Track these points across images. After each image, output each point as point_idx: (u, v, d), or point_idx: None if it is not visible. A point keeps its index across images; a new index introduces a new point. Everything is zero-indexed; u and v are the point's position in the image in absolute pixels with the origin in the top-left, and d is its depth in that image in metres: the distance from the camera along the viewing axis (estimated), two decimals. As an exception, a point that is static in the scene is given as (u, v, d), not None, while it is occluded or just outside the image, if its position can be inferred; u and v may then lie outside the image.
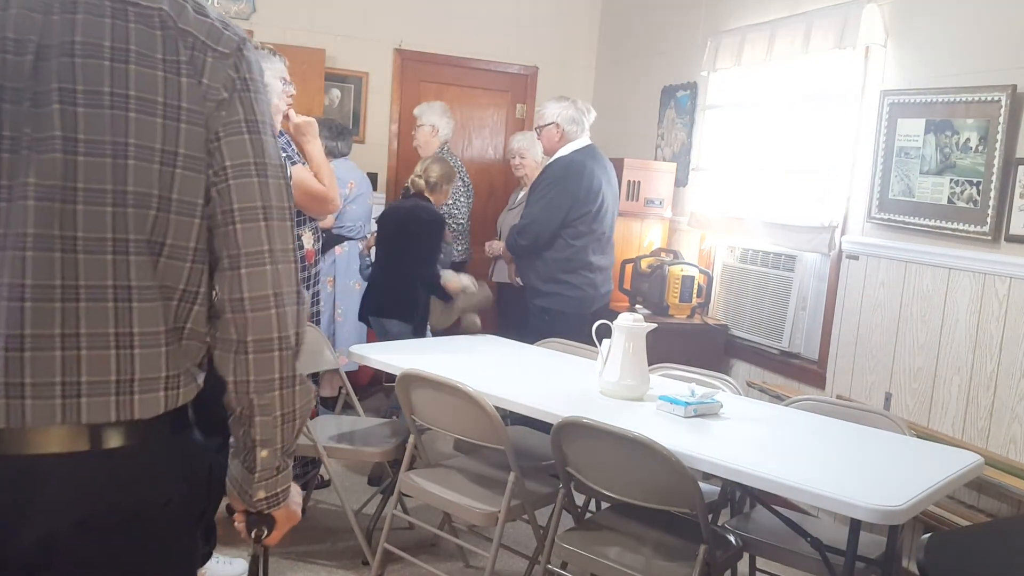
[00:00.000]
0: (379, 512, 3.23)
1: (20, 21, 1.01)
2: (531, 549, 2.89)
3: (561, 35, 5.68)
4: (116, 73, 1.03)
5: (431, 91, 5.39)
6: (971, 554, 1.74)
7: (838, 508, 1.92)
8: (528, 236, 3.84)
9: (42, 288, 1.01)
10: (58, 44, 1.02)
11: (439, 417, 2.71)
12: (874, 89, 3.51)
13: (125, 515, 1.07)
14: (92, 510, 1.05)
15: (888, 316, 3.39)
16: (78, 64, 1.02)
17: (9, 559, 1.03)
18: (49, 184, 1.01)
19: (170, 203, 1.06)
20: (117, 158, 1.03)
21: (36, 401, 1.02)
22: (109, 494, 1.06)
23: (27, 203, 1.00)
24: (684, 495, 2.14)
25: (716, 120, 4.52)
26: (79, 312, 1.03)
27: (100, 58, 1.03)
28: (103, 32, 1.03)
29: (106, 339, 1.04)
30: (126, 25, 1.04)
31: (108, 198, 1.03)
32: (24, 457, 1.02)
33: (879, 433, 2.51)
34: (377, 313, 3.88)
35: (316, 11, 5.03)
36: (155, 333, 1.07)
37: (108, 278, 1.04)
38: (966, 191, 3.04)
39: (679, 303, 4.22)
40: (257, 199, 1.11)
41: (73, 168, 1.02)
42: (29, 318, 1.01)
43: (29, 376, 1.01)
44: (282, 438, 1.16)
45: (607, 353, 2.66)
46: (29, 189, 1.00)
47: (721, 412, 2.51)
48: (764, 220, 4.04)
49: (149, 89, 1.04)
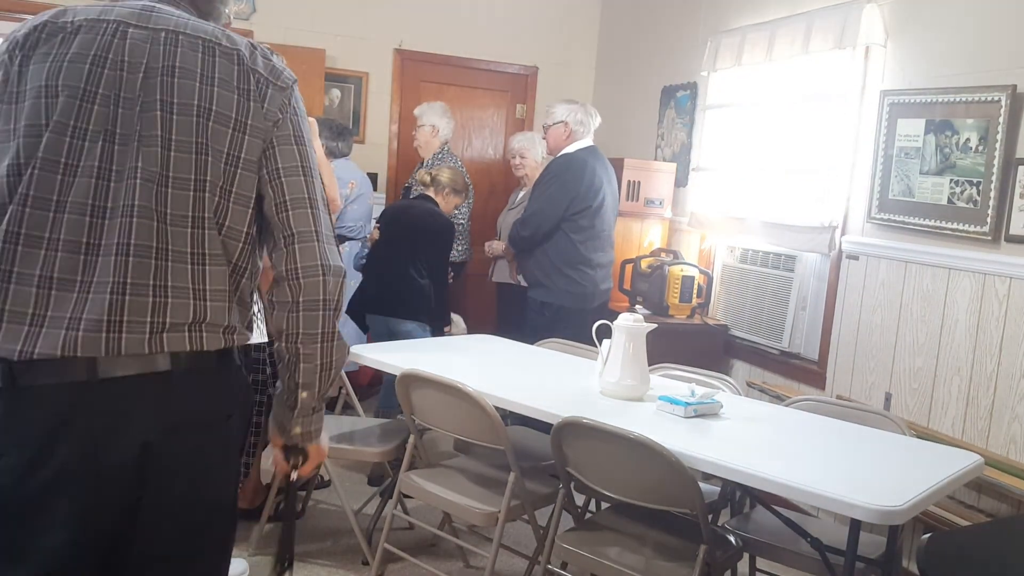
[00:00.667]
0: (379, 512, 3.23)
1: (133, 49, 1.36)
2: (531, 549, 2.89)
3: (561, 35, 5.68)
4: (203, 92, 1.37)
5: (431, 91, 5.39)
6: (971, 554, 1.74)
7: (838, 508, 1.92)
8: (530, 227, 3.94)
9: (142, 248, 1.32)
10: (162, 67, 1.36)
11: (439, 417, 2.71)
12: (874, 89, 3.51)
13: (201, 424, 1.39)
14: (177, 420, 1.35)
15: (888, 316, 3.40)
16: (176, 83, 1.36)
17: (113, 464, 1.30)
18: (151, 170, 1.33)
19: (230, 194, 1.39)
20: (198, 155, 1.36)
21: (130, 336, 1.30)
22: (189, 406, 1.36)
23: (136, 182, 1.32)
24: (684, 495, 2.14)
25: (716, 120, 4.51)
26: (168, 269, 1.33)
27: (192, 80, 1.37)
28: (196, 62, 1.38)
29: (186, 292, 1.35)
30: (213, 59, 1.39)
31: (190, 185, 1.35)
32: (120, 379, 1.30)
33: (879, 433, 2.51)
34: (390, 313, 3.83)
35: (316, 11, 5.03)
36: (221, 291, 1.38)
37: (188, 246, 1.35)
38: (966, 191, 3.04)
39: (679, 303, 4.22)
40: (304, 192, 1.43)
41: (167, 160, 1.34)
42: (132, 270, 1.31)
43: (127, 316, 1.30)
44: (320, 383, 1.47)
45: (607, 353, 2.66)
46: (137, 172, 1.33)
47: (721, 412, 2.51)
48: (764, 220, 4.04)
49: (226, 107, 1.38)
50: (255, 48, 1.45)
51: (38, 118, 1.31)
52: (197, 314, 1.35)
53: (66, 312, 1.29)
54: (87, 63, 1.34)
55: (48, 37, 1.35)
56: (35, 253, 1.29)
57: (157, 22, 1.39)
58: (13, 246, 1.29)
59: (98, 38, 1.35)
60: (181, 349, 1.34)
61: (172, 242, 1.34)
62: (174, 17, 1.41)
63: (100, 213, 1.32)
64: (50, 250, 1.30)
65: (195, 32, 1.40)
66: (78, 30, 1.36)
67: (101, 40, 1.35)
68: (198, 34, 1.40)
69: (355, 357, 3.05)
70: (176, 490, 1.36)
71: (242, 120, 1.40)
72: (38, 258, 1.29)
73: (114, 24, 1.37)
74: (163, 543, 1.37)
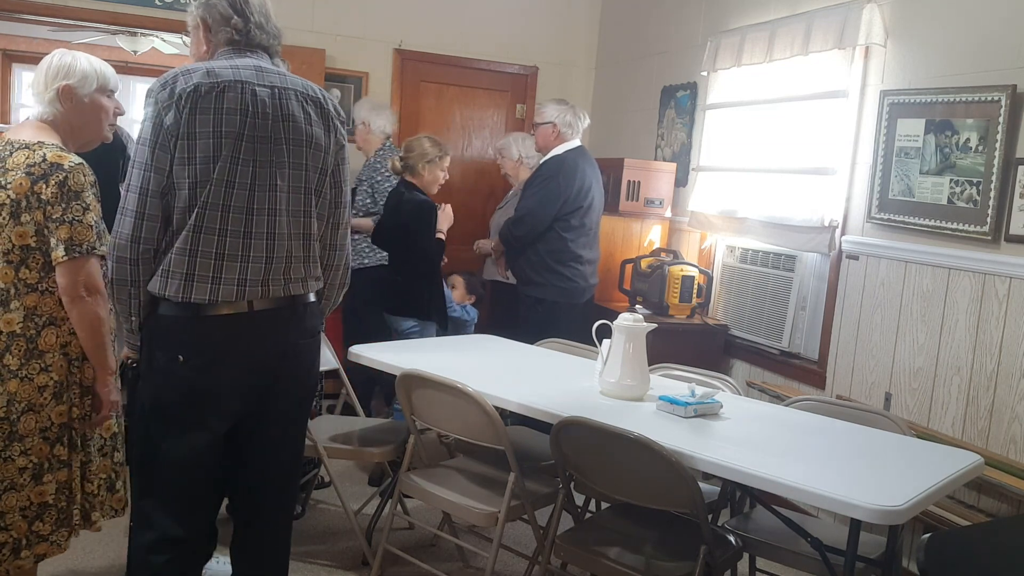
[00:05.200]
0: (379, 512, 3.23)
1: (263, 103, 2.02)
2: (531, 549, 2.89)
3: (561, 35, 5.68)
4: (306, 130, 2.09)
5: (431, 91, 5.39)
6: (971, 554, 1.74)
7: (838, 508, 1.92)
8: (523, 228, 4.08)
9: (282, 235, 2.06)
10: (281, 115, 2.04)
11: (439, 417, 2.71)
12: (874, 89, 3.51)
13: (312, 335, 2.21)
14: (301, 332, 2.17)
15: (888, 316, 3.40)
16: (289, 125, 2.06)
17: (268, 364, 2.10)
18: (283, 184, 2.06)
19: (320, 194, 2.16)
20: (307, 171, 2.11)
21: (274, 287, 2.07)
22: (305, 324, 2.17)
23: (278, 194, 2.05)
24: (684, 495, 2.14)
25: (716, 120, 4.51)
26: (292, 247, 2.09)
27: (299, 123, 2.08)
28: (299, 109, 2.08)
29: (302, 259, 2.12)
30: (308, 106, 2.10)
31: (302, 190, 2.10)
32: (268, 311, 2.08)
33: (879, 433, 2.50)
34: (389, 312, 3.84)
35: (316, 11, 5.04)
36: (315, 257, 2.17)
37: (301, 228, 2.11)
38: (966, 191, 3.04)
39: (679, 303, 4.22)
40: (345, 198, 2.24)
41: (288, 176, 2.06)
42: (275, 247, 2.06)
43: (271, 275, 2.06)
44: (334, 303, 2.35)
45: (607, 353, 2.66)
46: (279, 185, 2.05)
47: (721, 412, 2.51)
48: (764, 220, 4.04)
49: (319, 138, 2.12)
50: (326, 95, 2.17)
51: (208, 151, 1.95)
52: (308, 272, 2.14)
53: (234, 275, 2.00)
54: (237, 115, 1.97)
55: (206, 94, 1.95)
56: (211, 239, 1.98)
57: (271, 80, 2.04)
58: (198, 235, 1.97)
59: (240, 96, 1.98)
60: (300, 293, 2.13)
61: (295, 228, 2.09)
62: (276, 75, 2.07)
63: (251, 212, 2.01)
64: (221, 236, 1.98)
65: (293, 86, 2.08)
66: (224, 90, 1.97)
67: (243, 97, 1.98)
68: (295, 87, 2.09)
69: (355, 357, 3.04)
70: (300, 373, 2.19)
71: (327, 146, 2.14)
72: (213, 242, 1.98)
73: (248, 85, 2.00)
74: (288, 405, 2.19)
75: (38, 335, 2.21)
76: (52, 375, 2.23)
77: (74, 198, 2.19)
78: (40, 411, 2.22)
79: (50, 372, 2.22)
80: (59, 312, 2.23)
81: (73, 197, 2.18)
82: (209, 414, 2.04)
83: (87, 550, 2.99)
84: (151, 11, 4.74)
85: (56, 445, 2.26)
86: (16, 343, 2.19)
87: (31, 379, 2.20)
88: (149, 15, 4.76)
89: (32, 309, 2.20)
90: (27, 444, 2.21)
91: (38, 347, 2.21)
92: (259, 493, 2.21)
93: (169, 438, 2.03)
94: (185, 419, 2.03)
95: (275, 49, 2.15)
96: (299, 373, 2.18)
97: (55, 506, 2.28)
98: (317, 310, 2.23)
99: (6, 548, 2.22)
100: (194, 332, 2.00)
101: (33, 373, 2.21)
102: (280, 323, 2.09)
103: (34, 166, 2.17)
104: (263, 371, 2.08)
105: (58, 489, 2.28)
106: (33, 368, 2.20)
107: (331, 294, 2.29)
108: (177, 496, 2.07)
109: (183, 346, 2.00)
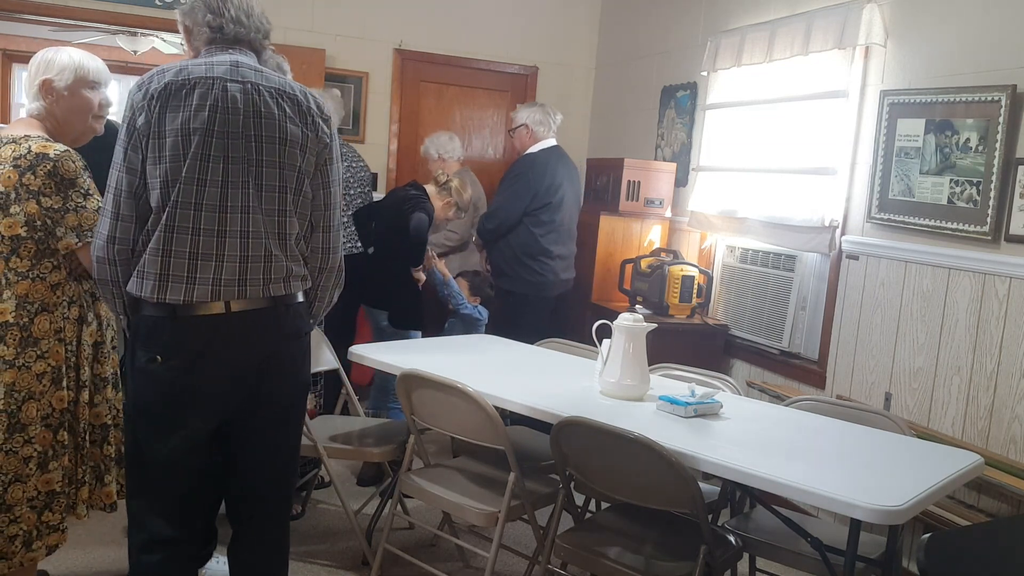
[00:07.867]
0: (379, 512, 3.23)
1: (234, 99, 1.97)
2: (531, 549, 2.89)
3: (561, 35, 5.68)
4: (280, 126, 2.02)
5: (431, 91, 5.39)
6: (971, 554, 1.74)
7: (838, 508, 1.92)
8: (494, 221, 4.34)
9: (255, 232, 2.00)
10: (253, 112, 1.99)
11: (439, 417, 2.71)
12: (874, 89, 3.51)
13: (297, 336, 2.14)
14: (284, 334, 2.10)
15: (888, 316, 3.40)
16: (261, 122, 2.00)
17: (250, 366, 2.05)
18: (257, 182, 1.99)
19: (301, 194, 2.07)
20: (282, 169, 2.03)
21: (251, 288, 2.01)
22: (288, 325, 2.10)
23: (249, 191, 1.98)
24: (684, 495, 2.14)
25: (716, 120, 4.51)
26: (269, 245, 2.02)
27: (272, 119, 2.01)
28: (272, 107, 2.01)
29: (281, 258, 2.04)
30: (283, 103, 2.03)
31: (276, 188, 2.02)
32: (247, 312, 2.02)
33: (879, 433, 2.51)
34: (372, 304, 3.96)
35: (316, 11, 5.03)
36: (296, 256, 2.09)
37: (277, 227, 2.03)
38: (966, 191, 3.04)
39: (679, 303, 4.22)
40: (335, 199, 2.16)
41: (261, 174, 2.00)
42: (250, 247, 1.99)
43: (248, 275, 2.00)
44: (328, 303, 2.27)
45: (607, 353, 2.66)
46: (249, 182, 1.98)
47: (721, 412, 2.51)
48: (764, 220, 4.04)
49: (295, 136, 2.04)
50: (309, 92, 2.11)
51: (177, 149, 1.92)
52: (288, 271, 2.06)
53: (209, 275, 1.96)
54: (205, 111, 1.93)
55: (176, 91, 1.94)
56: (184, 238, 1.94)
57: (244, 76, 1.99)
58: (170, 234, 1.93)
59: (210, 91, 1.95)
60: (280, 294, 2.06)
61: (270, 227, 2.02)
62: (252, 71, 2.02)
63: (224, 210, 1.96)
64: (194, 235, 1.94)
65: (268, 83, 2.03)
66: (193, 87, 1.94)
67: (212, 93, 1.95)
68: (271, 84, 2.03)
69: (355, 357, 3.04)
70: (286, 375, 2.13)
71: (304, 144, 2.06)
72: (186, 242, 1.94)
73: (219, 81, 1.96)
74: (278, 406, 2.15)
75: (31, 322, 2.22)
76: (49, 361, 2.25)
77: (70, 186, 2.22)
78: (40, 399, 2.24)
79: (47, 358, 2.24)
80: (51, 298, 2.25)
81: (69, 185, 2.21)
82: (190, 415, 2.02)
83: (88, 550, 2.99)
84: (151, 11, 4.75)
85: (59, 431, 2.28)
86: (10, 332, 2.20)
87: (28, 367, 2.22)
88: (149, 15, 4.76)
89: (24, 297, 2.22)
90: (30, 432, 2.23)
91: (32, 334, 2.23)
92: (254, 494, 2.20)
93: (152, 438, 2.03)
94: (166, 419, 2.02)
95: (259, 43, 2.11)
96: (285, 374, 2.13)
97: (63, 493, 2.30)
98: (303, 311, 2.16)
99: (17, 541, 2.23)
100: (171, 333, 1.98)
101: (30, 361, 2.22)
102: (260, 324, 2.05)
103: (20, 158, 2.20)
104: (245, 372, 2.05)
105: (63, 475, 2.30)
106: (29, 356, 2.22)
107: (324, 295, 2.24)
108: (163, 496, 2.07)
109: (161, 346, 1.99)
